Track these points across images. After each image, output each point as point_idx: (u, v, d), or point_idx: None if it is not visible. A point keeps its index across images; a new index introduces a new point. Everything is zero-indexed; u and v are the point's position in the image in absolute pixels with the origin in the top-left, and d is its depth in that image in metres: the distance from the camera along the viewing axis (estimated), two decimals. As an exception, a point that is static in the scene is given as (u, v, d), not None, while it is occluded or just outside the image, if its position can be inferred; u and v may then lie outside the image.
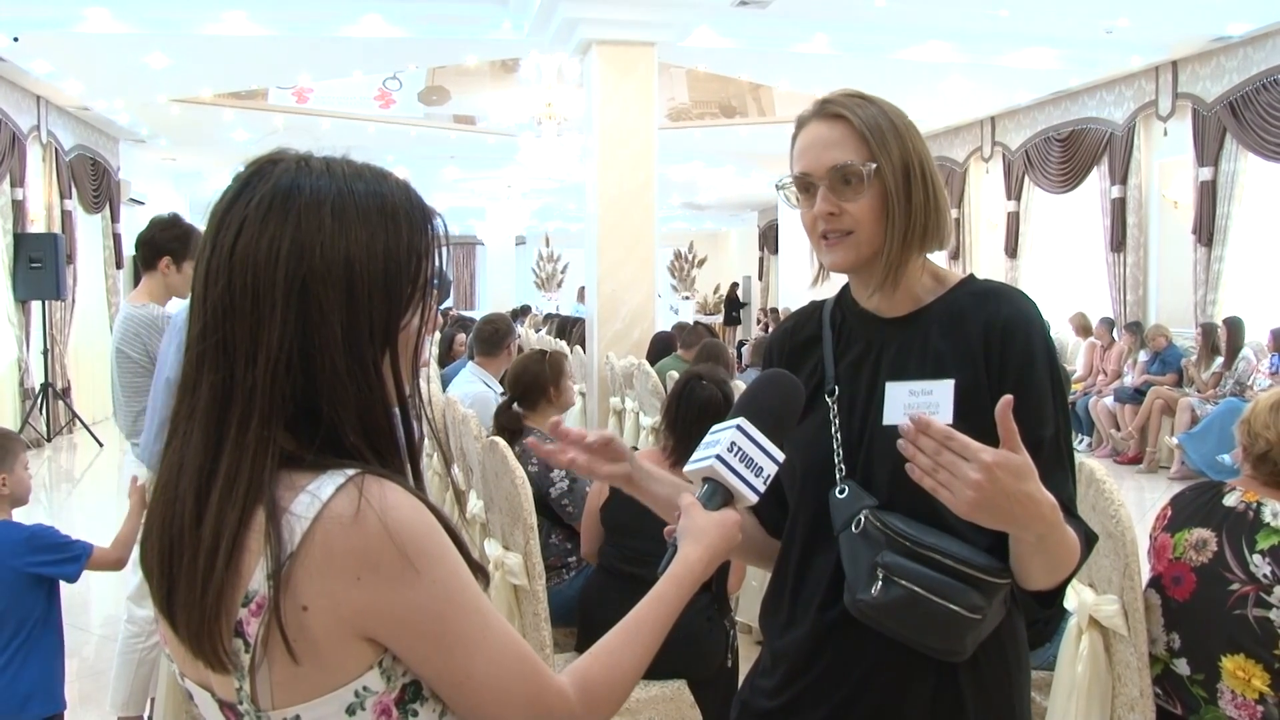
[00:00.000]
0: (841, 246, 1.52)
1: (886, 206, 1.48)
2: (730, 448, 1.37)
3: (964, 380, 1.45)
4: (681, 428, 3.37)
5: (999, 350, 1.46)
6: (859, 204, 1.49)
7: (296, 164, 1.09)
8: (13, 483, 2.92)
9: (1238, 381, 8.91)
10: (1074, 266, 12.56)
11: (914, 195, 1.49)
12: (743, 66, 11.77)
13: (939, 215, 1.52)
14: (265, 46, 10.03)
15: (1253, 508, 2.46)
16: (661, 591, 1.25)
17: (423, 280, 1.11)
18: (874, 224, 1.49)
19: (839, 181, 1.49)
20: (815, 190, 1.51)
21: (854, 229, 1.50)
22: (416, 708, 1.06)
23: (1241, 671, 2.35)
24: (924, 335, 1.52)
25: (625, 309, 8.15)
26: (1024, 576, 1.41)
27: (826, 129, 1.52)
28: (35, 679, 2.80)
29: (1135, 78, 10.92)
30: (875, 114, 1.51)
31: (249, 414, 1.03)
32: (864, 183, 1.48)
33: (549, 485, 3.68)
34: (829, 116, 1.52)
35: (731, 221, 26.07)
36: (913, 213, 1.50)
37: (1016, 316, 1.47)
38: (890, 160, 1.48)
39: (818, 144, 1.52)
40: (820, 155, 1.51)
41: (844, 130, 1.50)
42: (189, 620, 1.02)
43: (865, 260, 1.52)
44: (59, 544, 2.88)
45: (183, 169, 16.65)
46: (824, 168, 1.50)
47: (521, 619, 2.94)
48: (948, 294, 1.55)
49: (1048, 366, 1.47)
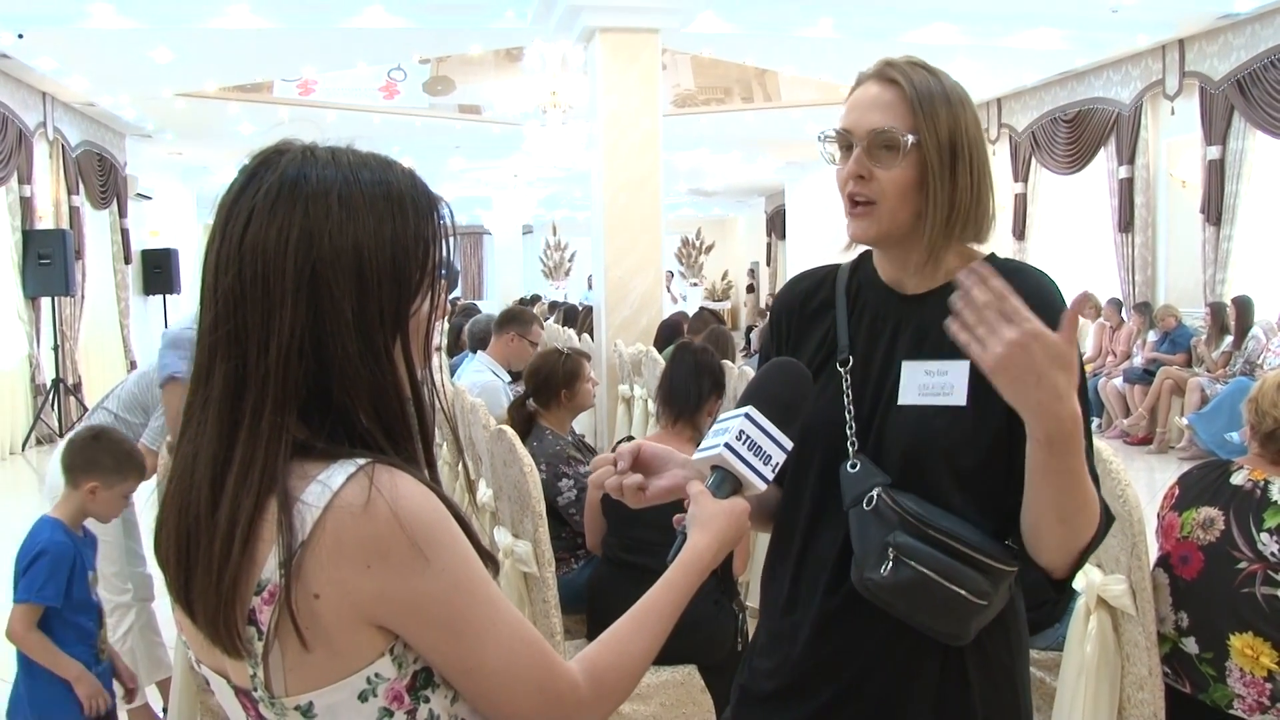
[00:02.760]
0: (864, 217, 1.49)
1: (923, 182, 1.45)
2: (739, 436, 1.36)
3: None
4: (675, 385, 3.42)
5: None
6: (891, 174, 1.45)
7: (303, 154, 1.10)
8: (102, 499, 2.90)
9: (1247, 361, 8.88)
10: (1082, 247, 12.51)
11: (959, 176, 1.46)
12: (747, 51, 11.75)
13: (982, 200, 1.49)
14: (269, 39, 10.03)
15: (1260, 486, 2.47)
16: (671, 579, 1.25)
17: (431, 266, 1.12)
18: (899, 199, 1.46)
19: (877, 146, 1.46)
20: (853, 150, 1.49)
21: (878, 199, 1.47)
22: (428, 694, 1.07)
23: (1250, 649, 2.36)
24: (943, 312, 1.50)
25: (633, 296, 8.16)
26: (1038, 527, 1.38)
27: (878, 90, 1.49)
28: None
29: (1142, 57, 10.86)
30: (932, 86, 1.47)
31: (262, 401, 1.04)
32: (900, 152, 1.45)
33: (557, 494, 3.67)
34: (884, 79, 1.49)
35: (738, 208, 25.98)
36: (958, 193, 1.46)
37: (1035, 296, 1.43)
38: (936, 135, 1.44)
39: (864, 103, 1.49)
40: (864, 115, 1.48)
41: (895, 95, 1.47)
42: (206, 607, 1.03)
43: (885, 235, 1.49)
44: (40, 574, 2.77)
45: (189, 163, 16.66)
46: (864, 128, 1.47)
47: (531, 606, 2.96)
48: None
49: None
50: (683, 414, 3.48)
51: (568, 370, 3.94)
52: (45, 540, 2.82)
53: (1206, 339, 9.51)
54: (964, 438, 1.45)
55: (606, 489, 1.45)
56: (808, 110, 13.58)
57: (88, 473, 2.89)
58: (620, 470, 1.45)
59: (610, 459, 1.47)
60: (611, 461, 1.46)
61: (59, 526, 2.86)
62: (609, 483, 1.45)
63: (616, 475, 1.45)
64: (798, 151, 16.13)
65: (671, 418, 3.49)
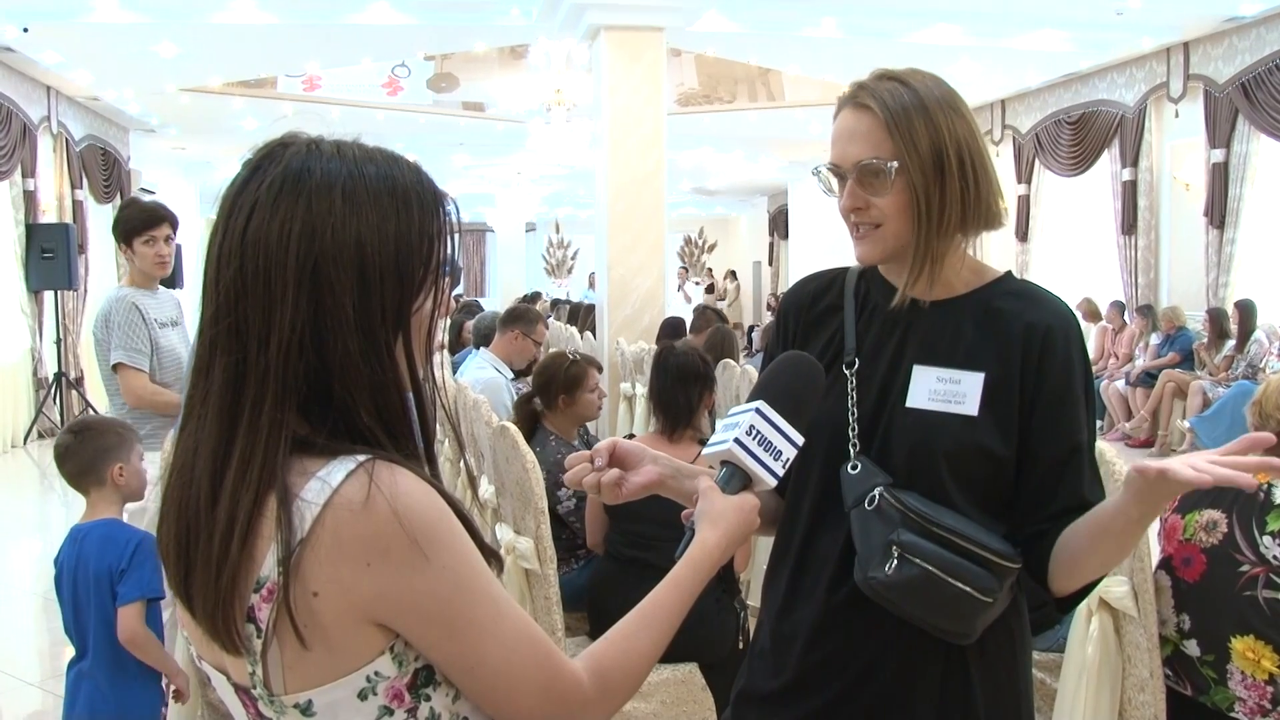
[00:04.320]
0: (870, 239, 1.50)
1: (913, 202, 1.46)
2: (749, 431, 1.34)
3: (993, 374, 1.47)
4: (664, 396, 3.41)
5: (1038, 356, 1.46)
6: (886, 199, 1.46)
7: (307, 147, 1.09)
8: (129, 473, 2.85)
9: (1250, 364, 8.88)
10: (1085, 250, 12.49)
11: (948, 186, 1.46)
12: (751, 51, 11.74)
13: (979, 201, 1.49)
14: (274, 34, 10.04)
15: (1263, 489, 2.46)
16: (678, 576, 1.23)
17: (435, 263, 1.11)
18: (901, 218, 1.47)
19: (866, 176, 1.47)
20: (846, 180, 1.50)
21: (882, 222, 1.48)
22: (429, 692, 1.06)
23: (1251, 652, 2.36)
24: (956, 323, 1.51)
25: (635, 294, 8.16)
26: (1084, 564, 1.43)
27: (854, 119, 1.49)
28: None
29: (1146, 59, 10.84)
30: (906, 102, 1.46)
31: (262, 396, 1.03)
32: (889, 178, 1.45)
33: (557, 503, 3.65)
34: (858, 106, 1.49)
35: (741, 207, 25.98)
36: (946, 205, 1.46)
37: (1059, 326, 1.48)
38: (918, 153, 1.44)
39: (845, 135, 1.50)
40: (847, 148, 1.49)
41: (870, 122, 1.47)
42: (205, 602, 1.02)
43: (894, 253, 1.50)
44: (145, 567, 2.70)
45: (193, 158, 16.67)
46: (850, 161, 1.48)
47: (533, 603, 2.96)
48: (985, 288, 1.54)
49: (1083, 377, 1.49)
50: (678, 423, 3.46)
51: (570, 376, 3.90)
52: (130, 533, 2.78)
53: (1208, 344, 9.51)
54: (971, 446, 1.46)
55: (584, 486, 1.45)
56: (811, 110, 13.57)
57: (105, 462, 2.83)
58: (598, 467, 1.45)
59: (587, 455, 1.47)
60: (589, 459, 1.46)
61: (118, 522, 2.82)
62: (587, 480, 1.44)
63: (594, 473, 1.45)
64: (801, 151, 16.11)
65: (669, 428, 3.48)
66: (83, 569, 2.75)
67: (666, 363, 3.50)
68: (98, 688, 2.75)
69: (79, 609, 2.77)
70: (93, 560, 2.74)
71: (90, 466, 2.84)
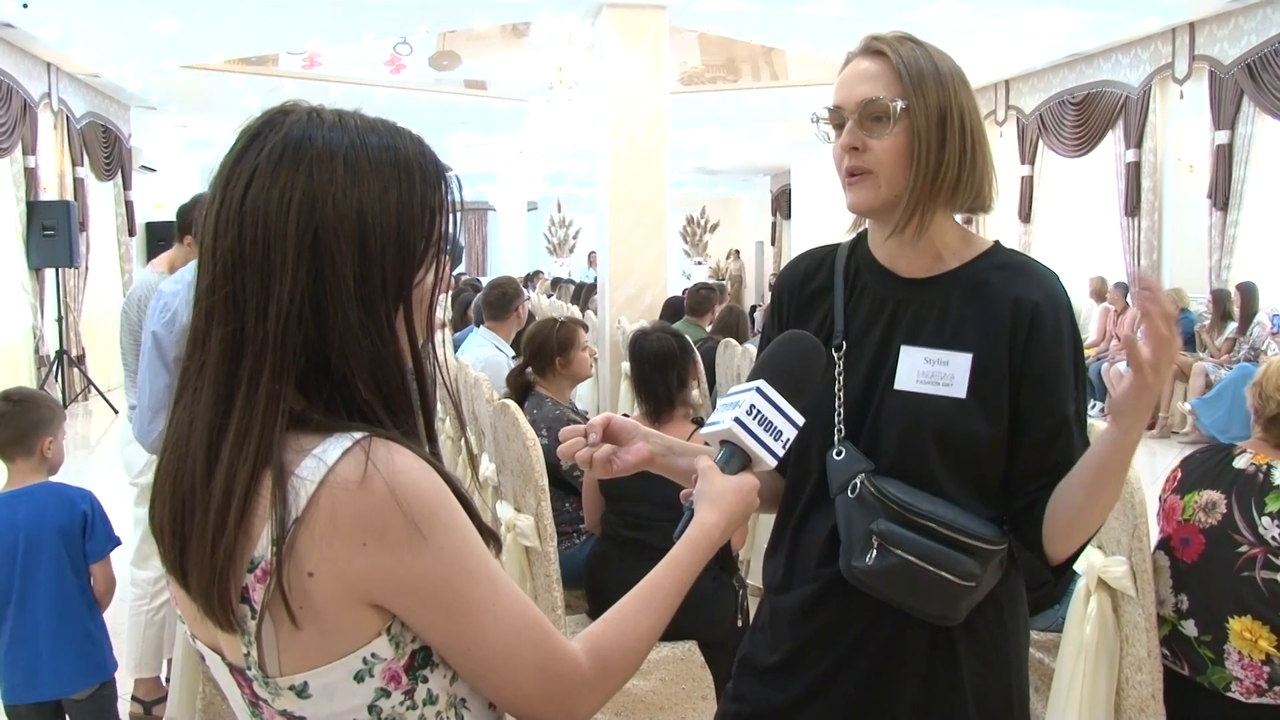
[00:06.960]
0: (862, 186, 1.49)
1: (913, 149, 1.45)
2: (749, 410, 1.32)
3: (981, 353, 1.46)
4: (644, 384, 3.41)
5: (1026, 331, 1.46)
6: (884, 142, 1.46)
7: (308, 115, 1.06)
8: (54, 449, 2.90)
9: (1252, 347, 8.87)
10: (1088, 231, 12.46)
11: (948, 144, 1.46)
12: (754, 29, 11.67)
13: (975, 173, 1.49)
14: (275, 11, 9.98)
15: (1263, 470, 2.47)
16: (677, 556, 1.21)
17: (436, 236, 1.09)
18: (896, 165, 1.46)
19: (867, 117, 1.47)
20: (845, 125, 1.49)
21: (875, 169, 1.47)
22: (426, 674, 1.05)
23: (1248, 633, 2.36)
24: (944, 300, 1.50)
25: (637, 273, 8.15)
26: (1080, 523, 1.42)
27: (866, 63, 1.50)
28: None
29: (1152, 40, 10.79)
30: (919, 56, 1.48)
31: (259, 368, 1.01)
32: (891, 120, 1.45)
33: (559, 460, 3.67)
34: (871, 52, 1.50)
35: (744, 186, 25.91)
36: (945, 161, 1.46)
37: (1047, 300, 1.47)
38: (924, 103, 1.45)
39: (853, 78, 1.50)
40: (853, 89, 1.49)
41: (882, 67, 1.48)
42: (200, 579, 1.00)
43: (885, 203, 1.49)
44: (100, 520, 2.85)
45: (194, 135, 16.63)
46: (854, 100, 1.48)
47: (533, 581, 2.97)
48: (973, 261, 1.53)
49: (1073, 350, 1.49)
50: (662, 408, 3.45)
51: (562, 338, 3.96)
52: (76, 491, 2.86)
53: (1210, 325, 9.49)
54: (961, 429, 1.46)
55: (577, 460, 1.45)
56: (815, 89, 13.51)
57: (36, 434, 2.86)
58: (591, 443, 1.45)
59: (580, 430, 1.47)
60: (582, 433, 1.46)
61: (60, 484, 2.88)
62: (580, 454, 1.45)
63: (587, 447, 1.45)
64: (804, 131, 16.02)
65: (653, 414, 3.46)
66: (34, 530, 2.78)
67: (642, 351, 3.49)
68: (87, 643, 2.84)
69: (9, 572, 2.79)
70: (51, 520, 2.79)
71: (22, 436, 2.86)
